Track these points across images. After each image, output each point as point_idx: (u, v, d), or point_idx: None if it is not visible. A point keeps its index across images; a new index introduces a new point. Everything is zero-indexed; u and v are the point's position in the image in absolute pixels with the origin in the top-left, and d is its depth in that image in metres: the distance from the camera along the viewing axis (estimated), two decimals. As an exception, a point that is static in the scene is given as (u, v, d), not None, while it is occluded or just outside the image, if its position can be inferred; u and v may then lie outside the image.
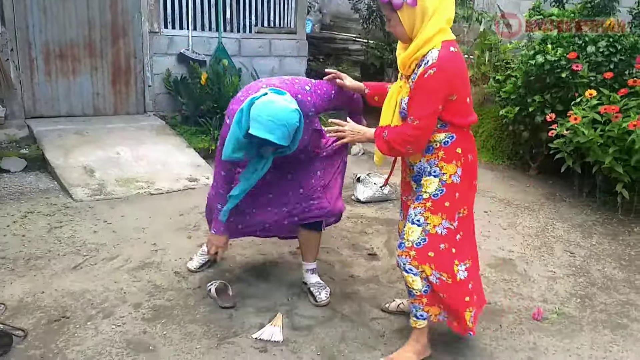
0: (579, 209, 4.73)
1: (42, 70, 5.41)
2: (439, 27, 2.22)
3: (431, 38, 2.22)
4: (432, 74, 2.20)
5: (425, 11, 2.21)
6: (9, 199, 4.18)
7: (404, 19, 2.23)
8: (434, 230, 2.38)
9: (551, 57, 4.88)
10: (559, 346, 2.84)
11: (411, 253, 2.39)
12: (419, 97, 2.26)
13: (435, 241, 2.39)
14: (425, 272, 2.40)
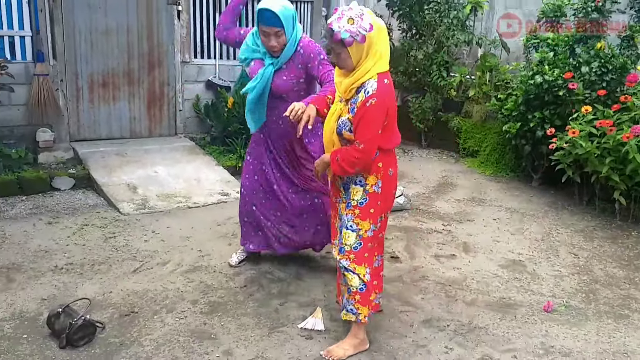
0: (580, 216, 5.00)
1: (86, 98, 5.75)
2: (376, 59, 2.47)
3: (369, 69, 2.47)
4: (373, 103, 2.45)
5: (370, 46, 2.45)
6: (64, 213, 4.48)
7: (353, 54, 2.45)
8: (365, 234, 2.69)
9: (549, 77, 5.20)
10: (568, 333, 3.11)
11: (351, 256, 2.69)
12: (363, 124, 2.50)
13: (366, 243, 2.71)
14: (360, 273, 2.70)
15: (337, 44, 2.45)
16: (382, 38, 2.49)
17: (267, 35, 2.98)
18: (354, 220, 2.68)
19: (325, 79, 3.03)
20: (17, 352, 2.67)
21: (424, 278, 3.68)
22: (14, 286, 3.28)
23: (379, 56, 2.49)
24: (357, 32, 2.39)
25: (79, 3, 5.55)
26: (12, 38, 5.28)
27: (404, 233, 4.44)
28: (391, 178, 2.72)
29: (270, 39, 2.99)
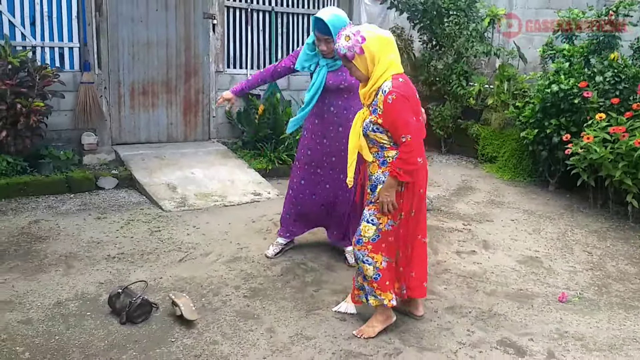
0: (594, 218, 5.18)
1: (127, 105, 6.10)
2: (386, 66, 2.72)
3: (382, 74, 2.71)
4: (394, 98, 2.67)
5: (373, 56, 2.71)
6: (111, 210, 4.79)
7: (359, 65, 2.75)
8: (384, 228, 2.88)
9: (565, 86, 5.41)
10: (581, 321, 3.31)
11: (368, 247, 2.90)
12: (395, 119, 2.70)
13: (386, 236, 2.90)
14: (377, 262, 2.90)
15: (344, 60, 2.78)
16: (384, 46, 2.73)
17: (319, 40, 3.42)
18: (375, 215, 2.90)
19: None
20: (83, 327, 2.96)
21: (446, 271, 3.91)
22: (73, 272, 3.58)
23: (389, 62, 2.73)
24: (353, 46, 2.68)
25: (123, 17, 5.91)
26: (61, 49, 5.66)
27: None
28: (416, 176, 2.83)
29: (321, 44, 3.42)
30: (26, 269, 3.58)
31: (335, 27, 3.28)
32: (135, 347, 2.80)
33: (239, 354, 2.78)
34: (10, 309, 3.08)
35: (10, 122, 4.91)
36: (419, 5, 7.49)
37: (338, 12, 3.40)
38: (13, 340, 2.80)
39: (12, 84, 4.84)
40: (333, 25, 3.29)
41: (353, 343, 2.94)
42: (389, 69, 2.72)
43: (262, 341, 2.90)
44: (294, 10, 7.05)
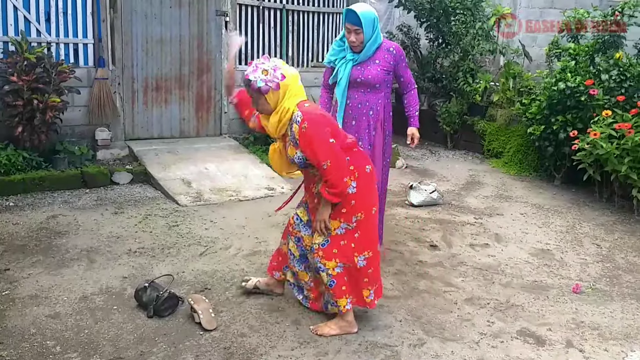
0: (601, 212, 5.19)
1: (141, 100, 6.06)
2: (293, 97, 2.67)
3: (289, 107, 2.66)
4: (306, 126, 2.62)
5: (285, 90, 2.66)
6: (127, 205, 4.77)
7: (271, 100, 2.66)
8: (334, 232, 2.82)
9: (571, 84, 5.41)
10: (596, 311, 3.32)
11: (320, 253, 2.83)
12: (313, 147, 2.63)
13: (336, 240, 2.82)
14: (330, 268, 2.82)
15: (255, 92, 2.67)
16: (296, 81, 2.72)
17: (349, 31, 3.46)
18: (329, 213, 2.81)
19: (411, 83, 3.74)
20: (111, 320, 2.94)
21: (462, 264, 3.91)
22: (96, 266, 3.57)
23: (294, 94, 2.69)
24: (271, 80, 2.61)
25: (137, 14, 5.88)
26: (76, 45, 5.62)
27: (439, 225, 4.66)
28: (368, 174, 2.85)
29: (351, 35, 3.46)
30: (49, 263, 3.56)
31: (366, 18, 3.39)
32: (165, 340, 2.79)
33: (267, 346, 2.78)
34: (37, 304, 3.06)
35: (26, 118, 4.88)
36: (426, 4, 7.48)
37: (368, 7, 3.54)
38: (43, 335, 2.79)
39: (28, 80, 4.81)
40: (364, 16, 3.39)
41: (377, 334, 2.94)
42: (294, 99, 2.69)
43: (289, 333, 2.90)
44: (305, 8, 7.02)
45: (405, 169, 6.51)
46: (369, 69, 3.56)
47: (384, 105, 3.68)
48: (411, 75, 3.75)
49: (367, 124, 3.66)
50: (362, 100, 3.63)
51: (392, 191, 5.57)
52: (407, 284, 3.55)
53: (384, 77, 3.59)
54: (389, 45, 3.63)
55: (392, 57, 3.59)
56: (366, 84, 3.58)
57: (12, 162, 4.83)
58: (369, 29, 3.44)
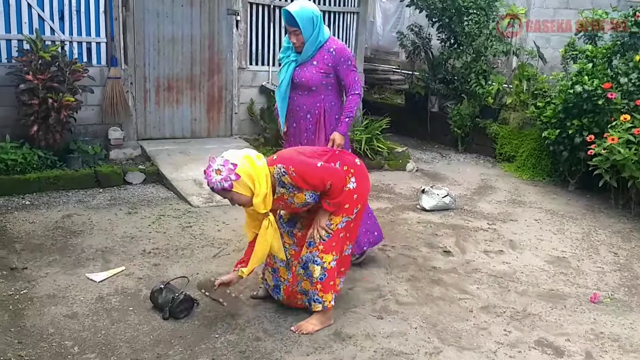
0: (617, 219, 5.17)
1: (153, 100, 6.10)
2: (264, 174, 2.68)
3: (265, 190, 2.67)
4: (293, 169, 2.70)
5: (249, 174, 2.62)
6: (140, 205, 4.80)
7: (241, 190, 2.62)
8: (336, 227, 2.90)
9: (588, 87, 5.38)
10: (615, 321, 3.31)
11: (320, 247, 2.89)
12: (309, 180, 2.72)
13: (337, 234, 2.92)
14: (326, 262, 2.90)
15: (223, 193, 2.65)
16: (251, 160, 2.66)
17: (289, 33, 3.37)
18: (329, 217, 2.90)
19: (350, 87, 3.47)
20: (128, 322, 2.97)
21: (476, 270, 3.91)
22: (111, 266, 3.59)
23: (259, 173, 2.66)
24: (227, 176, 2.58)
25: (149, 13, 5.90)
26: (89, 44, 5.65)
27: (452, 230, 4.66)
28: (360, 166, 2.98)
29: (291, 36, 3.37)
30: (65, 263, 3.60)
31: (303, 18, 3.26)
32: (181, 342, 2.81)
33: (283, 351, 2.79)
34: (54, 303, 3.10)
35: (41, 117, 4.92)
36: (438, 4, 7.46)
37: (306, 3, 3.36)
38: (61, 335, 2.82)
39: (43, 79, 4.85)
40: (299, 16, 3.25)
41: (393, 341, 2.95)
42: (266, 178, 2.68)
43: (304, 338, 2.91)
44: (316, 8, 7.01)
45: (416, 172, 6.51)
46: (305, 70, 3.43)
47: (324, 109, 3.50)
48: (355, 80, 3.48)
49: (305, 127, 3.55)
50: (300, 103, 3.53)
51: (403, 195, 5.59)
52: (422, 290, 3.56)
53: (320, 80, 3.43)
54: (331, 45, 3.43)
55: (332, 58, 3.41)
56: (302, 86, 3.47)
57: (27, 160, 4.88)
58: (307, 28, 3.29)
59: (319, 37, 3.37)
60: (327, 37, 3.43)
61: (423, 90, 8.08)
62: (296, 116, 3.57)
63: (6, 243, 3.82)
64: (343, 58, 3.43)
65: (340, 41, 3.66)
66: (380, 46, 11.77)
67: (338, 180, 2.80)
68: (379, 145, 6.55)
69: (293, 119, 3.60)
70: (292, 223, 3.10)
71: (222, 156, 2.65)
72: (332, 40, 3.46)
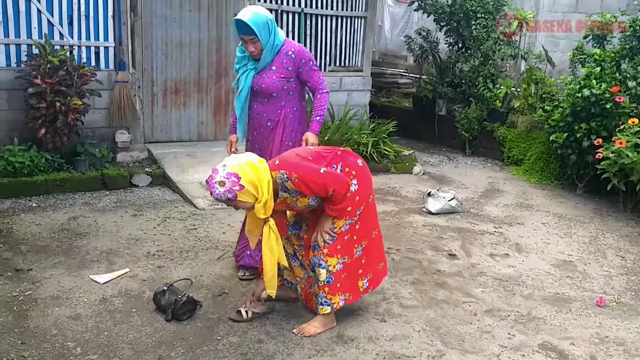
0: (625, 222, 5.12)
1: (160, 104, 6.14)
2: (263, 181, 2.63)
3: (267, 196, 2.64)
4: (296, 174, 2.69)
5: (253, 183, 2.59)
6: (146, 207, 4.83)
7: (245, 198, 2.61)
8: (339, 230, 2.89)
9: (596, 91, 5.35)
10: (621, 325, 3.28)
11: (324, 250, 2.88)
12: (311, 186, 2.70)
13: (341, 237, 2.90)
14: (331, 265, 2.88)
15: (227, 202, 2.65)
16: (254, 167, 2.63)
17: (245, 42, 3.25)
18: (332, 221, 2.88)
19: (317, 87, 3.37)
20: (130, 323, 2.98)
21: (481, 274, 3.89)
22: (115, 268, 3.62)
23: (261, 180, 2.63)
24: (231, 188, 2.57)
25: (157, 17, 5.95)
26: (97, 48, 5.70)
27: (458, 233, 4.64)
28: (362, 167, 2.95)
29: (248, 46, 3.25)
30: (70, 265, 3.62)
31: (258, 24, 3.15)
32: (183, 344, 2.82)
33: (284, 353, 2.79)
34: (58, 304, 3.12)
35: (49, 120, 4.97)
36: (446, 8, 7.46)
37: (257, 9, 3.25)
38: (64, 336, 2.83)
39: (52, 83, 4.90)
40: (254, 23, 3.14)
41: (395, 344, 2.94)
42: (265, 178, 2.65)
43: (306, 341, 2.91)
44: (323, 12, 7.04)
45: (423, 175, 6.50)
46: (264, 77, 3.32)
47: (285, 115, 3.39)
48: (320, 79, 3.38)
49: (266, 135, 3.44)
50: (260, 111, 3.42)
51: (409, 198, 5.57)
52: (426, 293, 3.54)
53: (281, 85, 3.32)
54: (290, 47, 3.33)
55: (292, 61, 3.31)
56: (263, 93, 3.36)
57: (35, 163, 4.93)
58: (264, 34, 3.20)
59: (275, 41, 3.27)
60: (283, 40, 3.32)
61: (431, 94, 8.08)
62: (256, 124, 3.47)
63: (12, 245, 3.86)
64: (304, 60, 3.33)
65: (297, 42, 3.57)
66: (389, 50, 11.79)
67: (341, 187, 2.78)
68: (385, 149, 6.54)
69: (253, 128, 3.50)
70: (297, 225, 3.10)
71: (225, 165, 2.62)
72: (289, 43, 3.36)
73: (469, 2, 7.20)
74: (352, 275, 3.00)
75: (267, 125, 3.42)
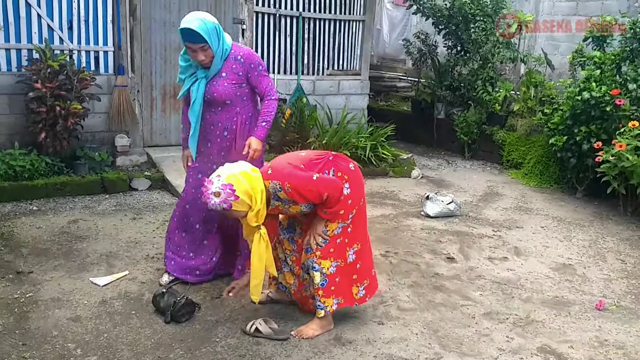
0: (625, 226, 5.14)
1: (159, 108, 6.18)
2: (260, 188, 2.67)
3: (260, 206, 2.67)
4: (289, 184, 2.70)
5: (247, 193, 2.62)
6: (145, 210, 4.86)
7: (239, 207, 2.64)
8: (332, 233, 2.89)
9: (596, 94, 5.38)
10: (620, 329, 3.29)
11: (317, 253, 2.89)
12: (305, 194, 2.73)
13: (333, 240, 2.90)
14: (325, 268, 2.89)
15: (223, 212, 2.69)
16: (248, 177, 2.65)
17: (194, 51, 3.05)
18: (324, 224, 2.89)
19: (266, 93, 3.27)
20: (130, 325, 3.01)
21: (480, 277, 3.90)
22: (115, 271, 3.64)
23: (255, 190, 2.66)
24: (226, 199, 2.60)
25: (156, 22, 6.00)
26: (97, 53, 5.74)
27: (456, 237, 4.66)
28: (354, 171, 2.94)
29: (198, 55, 3.06)
30: (70, 267, 3.65)
31: (208, 31, 3.02)
32: (181, 346, 2.84)
33: (283, 355, 2.81)
34: (58, 307, 3.14)
35: (49, 124, 5.01)
36: (445, 11, 7.50)
37: (203, 15, 3.08)
38: (64, 337, 2.86)
39: (52, 87, 4.94)
40: (204, 30, 3.00)
41: (393, 347, 2.95)
42: (258, 187, 2.67)
43: (304, 343, 2.93)
44: (321, 16, 7.08)
45: (421, 179, 6.52)
46: (215, 84, 3.17)
47: (242, 122, 3.28)
48: (269, 85, 3.28)
49: (222, 146, 3.30)
50: (214, 121, 3.26)
51: (407, 201, 5.59)
52: (424, 296, 3.56)
53: (234, 91, 3.20)
54: (238, 52, 3.20)
55: (241, 66, 3.19)
56: (215, 102, 3.21)
57: (35, 167, 4.96)
58: (214, 41, 3.07)
59: (224, 46, 3.15)
60: (230, 45, 3.20)
61: (429, 97, 8.11)
62: (210, 136, 3.30)
63: (13, 247, 3.89)
64: (253, 64, 3.22)
65: (245, 46, 3.45)
66: (387, 54, 11.83)
67: (334, 191, 2.80)
68: (383, 152, 6.57)
69: (206, 139, 3.33)
70: (291, 229, 3.13)
71: (219, 176, 2.64)
72: (237, 47, 3.25)
73: (468, 5, 7.24)
74: (346, 279, 3.00)
75: (224, 135, 3.28)
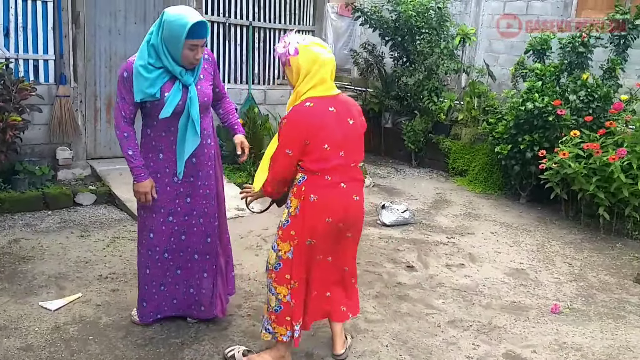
0: (568, 230, 5.37)
1: (104, 119, 5.91)
2: (310, 85, 2.55)
3: (304, 92, 2.56)
4: (284, 123, 2.56)
5: (298, 72, 2.56)
6: (93, 227, 4.61)
7: (288, 74, 2.63)
8: (285, 255, 2.63)
9: (539, 104, 5.61)
10: (576, 331, 3.42)
11: (272, 275, 2.68)
12: (277, 143, 2.61)
13: (287, 264, 2.64)
14: (281, 294, 2.65)
15: (281, 63, 2.67)
16: (313, 64, 2.52)
17: (196, 47, 2.69)
18: (276, 241, 2.68)
19: (225, 93, 3.12)
20: (88, 352, 2.82)
21: (440, 285, 3.96)
22: (66, 293, 3.42)
23: (319, 81, 2.54)
24: (284, 54, 2.58)
25: (100, 30, 5.75)
26: (36, 61, 5.42)
27: (413, 245, 4.72)
28: (313, 204, 2.58)
29: (199, 51, 2.72)
30: (15, 291, 3.40)
31: (206, 26, 2.73)
32: (146, 372, 2.69)
33: (254, 376, 2.72)
34: (6, 335, 2.91)
35: (-15, 137, 4.67)
36: (391, 23, 7.63)
37: (192, 9, 2.72)
38: (15, 369, 2.65)
39: (-13, 98, 4.61)
40: (206, 25, 2.73)
41: (365, 360, 2.93)
42: (315, 89, 2.55)
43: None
44: (271, 25, 7.03)
45: (373, 187, 6.56)
46: (200, 88, 2.83)
47: (213, 127, 3.03)
48: (222, 85, 3.11)
49: (208, 156, 2.96)
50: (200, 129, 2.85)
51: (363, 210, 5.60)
52: (389, 307, 3.57)
53: (211, 93, 2.93)
54: (204, 50, 2.86)
55: (210, 65, 2.94)
56: (201, 106, 2.83)
57: (-31, 183, 4.61)
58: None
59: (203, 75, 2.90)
60: None
61: (377, 107, 8.20)
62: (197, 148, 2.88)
63: (-52, 272, 3.59)
64: (215, 63, 2.98)
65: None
66: (332, 63, 11.88)
67: (272, 172, 2.64)
68: (335, 162, 6.55)
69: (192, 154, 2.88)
70: None
71: (298, 38, 2.59)
72: None
73: (414, 18, 7.39)
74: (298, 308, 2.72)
75: (208, 142, 2.94)
